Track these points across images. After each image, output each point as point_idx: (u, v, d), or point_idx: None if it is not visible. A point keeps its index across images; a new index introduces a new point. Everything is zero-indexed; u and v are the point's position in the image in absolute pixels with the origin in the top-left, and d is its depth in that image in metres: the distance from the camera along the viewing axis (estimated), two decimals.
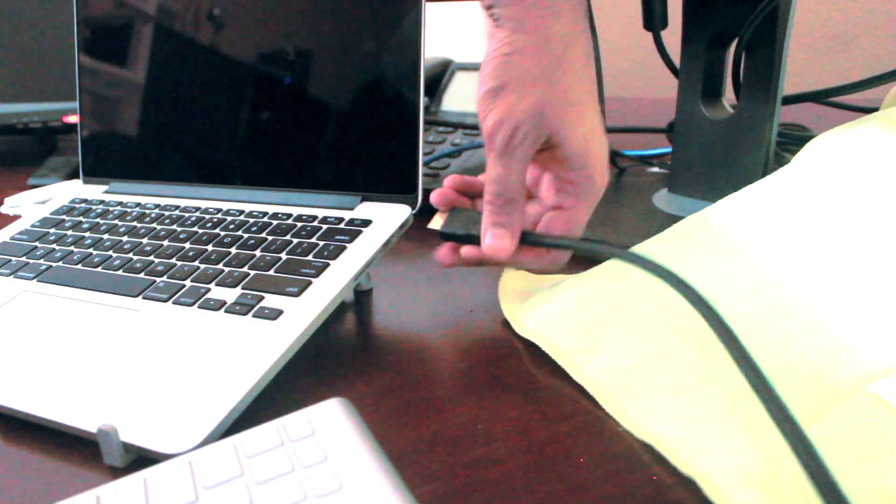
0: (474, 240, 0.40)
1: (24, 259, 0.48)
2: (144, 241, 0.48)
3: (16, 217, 0.67)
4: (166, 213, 0.51)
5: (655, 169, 0.67)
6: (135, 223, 0.51)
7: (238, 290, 0.40)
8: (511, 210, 0.39)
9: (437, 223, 0.42)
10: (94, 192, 0.58)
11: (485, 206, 0.39)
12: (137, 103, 0.57)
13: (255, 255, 0.43)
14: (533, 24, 0.37)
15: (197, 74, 0.54)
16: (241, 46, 0.52)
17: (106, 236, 0.49)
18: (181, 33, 0.55)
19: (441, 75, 0.79)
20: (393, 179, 0.46)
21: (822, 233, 0.36)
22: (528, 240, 0.40)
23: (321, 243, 0.43)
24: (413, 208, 0.45)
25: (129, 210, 0.53)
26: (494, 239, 0.39)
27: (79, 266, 0.46)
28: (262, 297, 0.39)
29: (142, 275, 0.43)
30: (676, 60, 0.56)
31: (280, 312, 0.37)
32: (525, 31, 0.37)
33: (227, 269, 0.42)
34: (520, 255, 0.40)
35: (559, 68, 0.37)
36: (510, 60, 0.37)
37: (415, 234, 0.46)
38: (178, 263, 0.44)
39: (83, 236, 0.50)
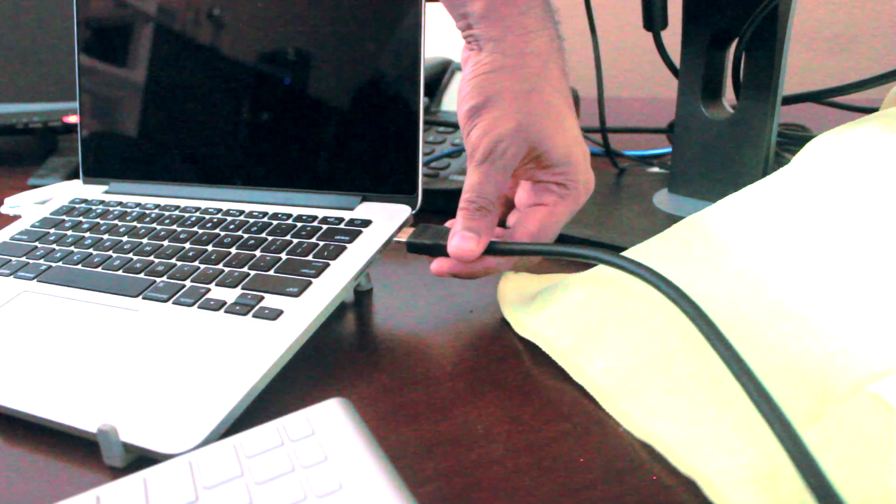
0: (441, 249, 0.40)
1: (24, 259, 0.48)
2: (144, 241, 0.48)
3: (16, 217, 0.66)
4: (166, 214, 0.51)
5: (655, 169, 0.67)
6: (135, 223, 0.51)
7: (238, 291, 0.40)
8: (482, 216, 0.39)
9: (406, 236, 0.43)
10: (94, 192, 0.58)
11: (458, 212, 0.40)
12: (137, 103, 0.57)
13: (255, 256, 0.43)
14: (511, 43, 0.38)
15: (197, 74, 0.54)
16: (241, 47, 0.52)
17: (106, 236, 0.49)
18: (181, 33, 0.55)
19: (441, 75, 0.79)
20: (393, 179, 0.46)
21: (822, 233, 0.36)
22: (496, 249, 0.40)
23: (321, 243, 0.43)
24: (413, 208, 0.45)
25: (129, 210, 0.53)
26: (462, 241, 0.39)
27: (79, 266, 0.46)
28: (262, 298, 0.39)
29: (142, 275, 0.43)
30: (676, 60, 0.56)
31: (280, 312, 0.37)
32: (503, 51, 0.38)
33: (227, 270, 0.42)
34: (488, 264, 0.41)
35: (538, 83, 0.38)
36: (490, 79, 0.38)
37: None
38: (178, 263, 0.44)
39: (83, 236, 0.50)
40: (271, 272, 0.41)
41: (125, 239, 0.48)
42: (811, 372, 0.30)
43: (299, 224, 0.46)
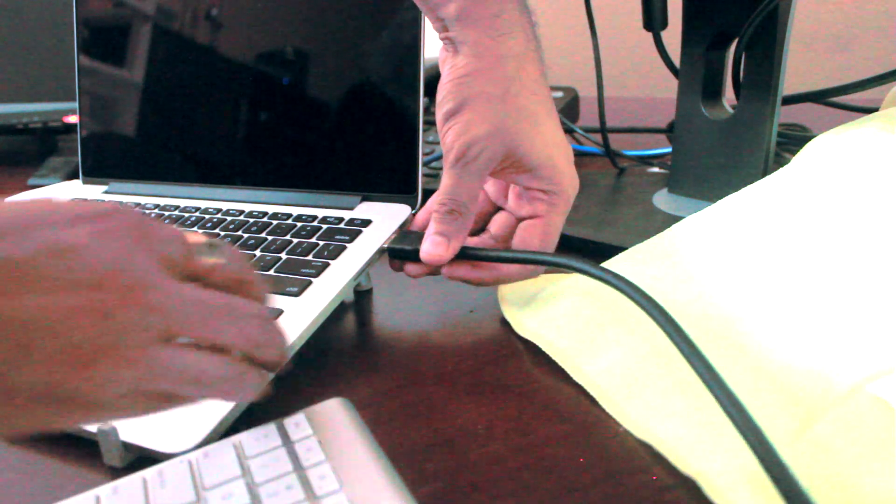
0: (418, 255, 0.41)
1: None
2: None
3: None
4: (166, 214, 0.51)
5: (655, 169, 0.67)
6: None
7: None
8: (453, 220, 0.39)
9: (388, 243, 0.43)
10: (94, 192, 0.58)
11: (432, 215, 0.40)
12: (137, 103, 0.57)
13: (254, 255, 0.43)
14: (485, 46, 0.38)
15: (196, 74, 0.54)
16: (240, 47, 0.52)
17: None
18: (181, 33, 0.55)
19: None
20: (393, 179, 0.46)
21: (822, 234, 0.36)
22: (468, 255, 0.40)
23: (321, 243, 0.43)
24: (413, 208, 0.45)
25: None
26: (432, 246, 0.39)
27: None
28: None
29: None
30: (676, 60, 0.56)
31: (280, 312, 0.37)
32: (478, 54, 0.38)
33: None
34: (464, 271, 0.41)
35: (514, 86, 0.38)
36: (466, 82, 0.38)
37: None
38: None
39: None
40: (271, 272, 0.41)
41: None
42: (811, 373, 0.30)
43: (299, 224, 0.46)
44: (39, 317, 0.22)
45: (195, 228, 0.48)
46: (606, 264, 0.42)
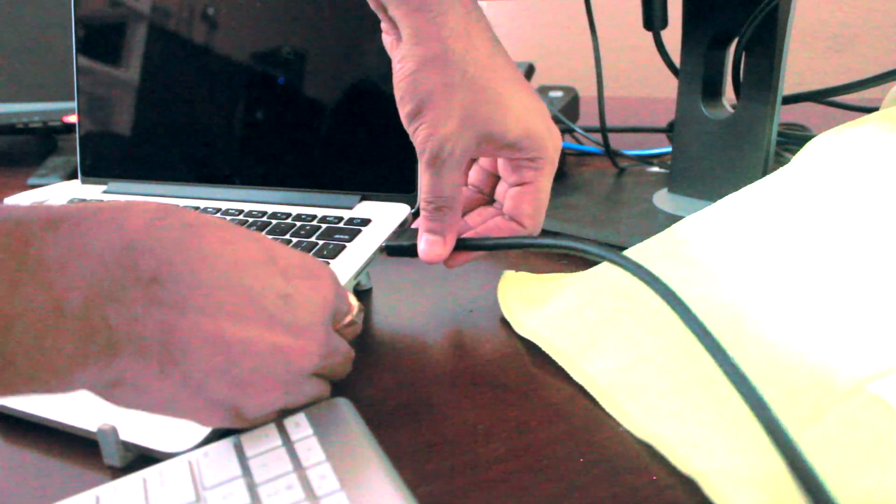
0: (415, 251, 0.41)
1: None
2: None
3: None
4: None
5: (655, 169, 0.67)
6: None
7: None
8: (442, 216, 0.39)
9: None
10: (93, 191, 0.58)
11: (420, 214, 0.40)
12: (135, 103, 0.57)
13: None
14: (428, 32, 0.36)
15: (195, 74, 0.54)
16: (239, 46, 0.52)
17: None
18: (179, 33, 0.55)
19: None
20: (392, 178, 0.46)
21: (822, 233, 0.36)
22: (468, 245, 0.40)
23: (320, 242, 0.43)
24: (412, 207, 0.45)
25: None
26: (427, 245, 0.40)
27: None
28: None
29: None
30: (676, 60, 0.56)
31: None
32: (422, 41, 0.36)
33: None
34: (464, 258, 0.41)
35: (469, 68, 0.36)
36: (418, 78, 0.36)
37: (414, 233, 0.46)
38: None
39: None
40: None
41: None
42: (811, 372, 0.30)
43: (298, 223, 0.46)
44: (250, 344, 0.27)
45: None
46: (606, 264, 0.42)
